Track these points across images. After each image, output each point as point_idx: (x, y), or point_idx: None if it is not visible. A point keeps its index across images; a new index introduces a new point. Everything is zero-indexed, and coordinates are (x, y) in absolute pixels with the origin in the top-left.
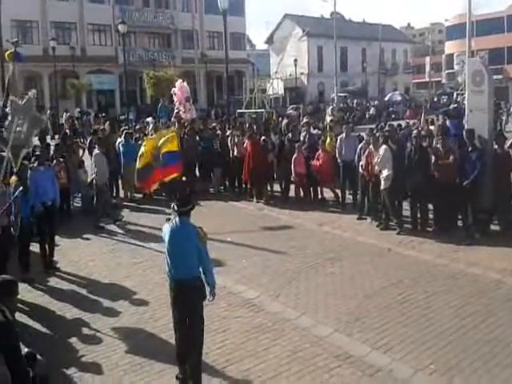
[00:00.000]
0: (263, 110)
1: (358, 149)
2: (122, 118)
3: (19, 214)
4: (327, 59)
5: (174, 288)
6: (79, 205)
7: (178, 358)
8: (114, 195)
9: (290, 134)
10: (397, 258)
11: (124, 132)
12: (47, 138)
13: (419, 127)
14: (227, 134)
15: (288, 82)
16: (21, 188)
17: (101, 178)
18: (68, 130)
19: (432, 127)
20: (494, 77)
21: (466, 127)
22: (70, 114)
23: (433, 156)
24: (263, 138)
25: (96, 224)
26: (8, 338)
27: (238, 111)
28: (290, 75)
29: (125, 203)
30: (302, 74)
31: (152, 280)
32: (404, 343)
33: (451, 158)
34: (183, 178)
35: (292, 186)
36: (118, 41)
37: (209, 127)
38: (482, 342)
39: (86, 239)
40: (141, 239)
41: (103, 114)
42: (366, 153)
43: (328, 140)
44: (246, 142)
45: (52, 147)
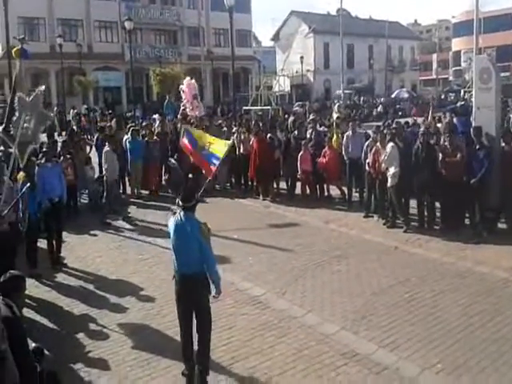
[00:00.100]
0: (269, 107)
1: (365, 146)
2: (129, 115)
3: (27, 210)
4: (333, 56)
5: (179, 281)
6: (86, 201)
7: (183, 354)
8: (121, 192)
9: (296, 132)
10: (404, 256)
11: (131, 129)
12: (55, 135)
13: (427, 124)
14: (233, 131)
15: (294, 79)
16: (28, 184)
17: (111, 175)
18: (75, 127)
19: (439, 125)
20: (502, 74)
21: (474, 125)
22: (77, 111)
23: (440, 154)
24: (269, 135)
25: (103, 220)
26: (16, 334)
27: (244, 108)
28: (297, 72)
29: (131, 200)
30: (308, 71)
31: (159, 276)
32: (411, 341)
33: (458, 155)
34: (189, 175)
35: (298, 184)
36: (124, 38)
37: (215, 124)
38: (490, 341)
39: (93, 235)
40: (147, 236)
41: (110, 111)
42: (372, 150)
43: (334, 137)
44: (252, 139)
45: (59, 144)
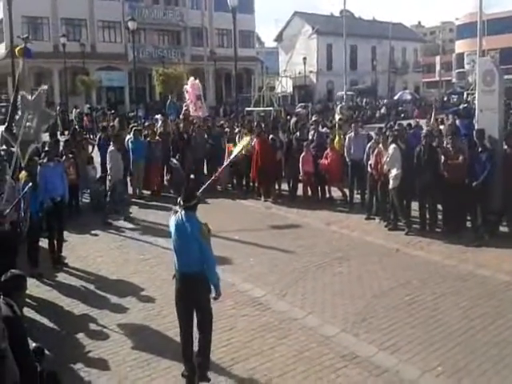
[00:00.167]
0: (272, 108)
1: (367, 148)
2: (131, 114)
3: (28, 210)
4: (337, 57)
5: (179, 280)
6: (88, 201)
7: (183, 355)
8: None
9: (298, 133)
10: (405, 258)
11: (133, 129)
12: (57, 134)
13: (431, 126)
14: (235, 131)
15: (297, 80)
16: (30, 184)
17: (116, 175)
18: (77, 126)
19: (441, 127)
20: (505, 76)
21: (476, 127)
22: (80, 111)
23: (442, 156)
24: (271, 136)
25: (104, 220)
26: (16, 333)
27: (246, 109)
28: (299, 73)
29: (133, 200)
30: (311, 72)
31: (159, 277)
32: (411, 344)
33: (461, 158)
34: (191, 176)
35: (300, 185)
36: (127, 38)
37: (217, 125)
38: (491, 344)
39: (95, 235)
40: (149, 236)
41: (112, 111)
42: (375, 152)
43: (336, 139)
44: (255, 140)
45: (61, 143)
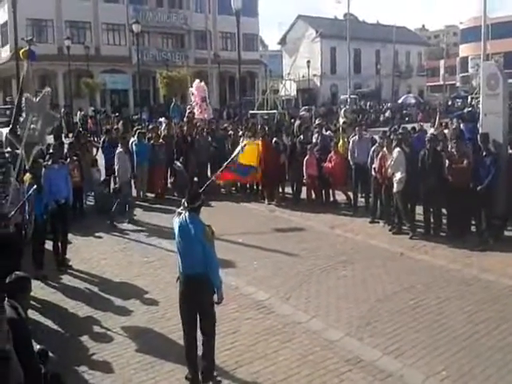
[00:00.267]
0: (275, 112)
1: (371, 151)
2: (135, 117)
3: (33, 212)
4: (340, 61)
5: (183, 282)
6: (92, 203)
7: (187, 358)
8: None
9: (302, 136)
10: (409, 262)
11: (137, 132)
12: (62, 137)
13: (437, 130)
14: (239, 134)
15: (301, 84)
16: (35, 186)
17: (123, 176)
18: (81, 129)
19: (446, 131)
20: (509, 80)
21: (481, 131)
22: (84, 113)
23: (447, 160)
24: (275, 139)
25: (111, 221)
26: (20, 335)
27: (250, 112)
28: (303, 76)
29: (137, 202)
30: (314, 75)
31: (163, 279)
32: (416, 348)
33: (465, 162)
34: (195, 178)
35: (304, 188)
36: (131, 40)
37: (221, 128)
38: (495, 349)
39: (99, 237)
40: (153, 238)
41: (116, 114)
42: (379, 155)
43: (340, 142)
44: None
45: (66, 145)
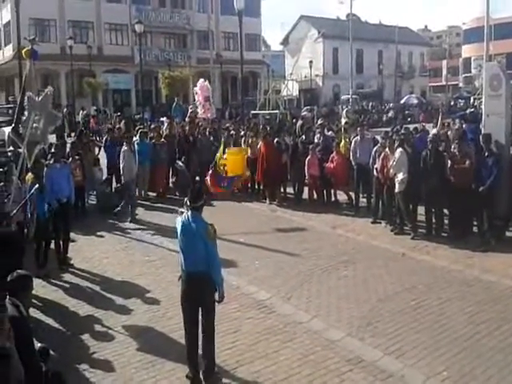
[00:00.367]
0: (277, 112)
1: (373, 152)
2: (137, 117)
3: (35, 211)
4: (343, 61)
5: (186, 280)
6: (94, 202)
7: (188, 357)
8: None
9: (303, 136)
10: (411, 262)
11: (139, 131)
12: (64, 136)
13: (439, 130)
14: (241, 134)
15: (303, 84)
16: (37, 185)
17: (128, 174)
18: (84, 128)
19: (448, 131)
20: None
21: (483, 132)
22: (87, 113)
23: (449, 160)
24: (277, 139)
25: (132, 219)
26: (22, 333)
27: (252, 112)
28: (305, 77)
29: (138, 201)
30: (317, 75)
31: (165, 278)
32: (417, 349)
33: (467, 162)
34: (196, 178)
35: (305, 188)
36: (134, 40)
37: (223, 127)
38: (496, 350)
39: (100, 236)
40: (154, 237)
41: (119, 113)
42: (381, 156)
43: (342, 142)
44: (260, 143)
45: (68, 145)
